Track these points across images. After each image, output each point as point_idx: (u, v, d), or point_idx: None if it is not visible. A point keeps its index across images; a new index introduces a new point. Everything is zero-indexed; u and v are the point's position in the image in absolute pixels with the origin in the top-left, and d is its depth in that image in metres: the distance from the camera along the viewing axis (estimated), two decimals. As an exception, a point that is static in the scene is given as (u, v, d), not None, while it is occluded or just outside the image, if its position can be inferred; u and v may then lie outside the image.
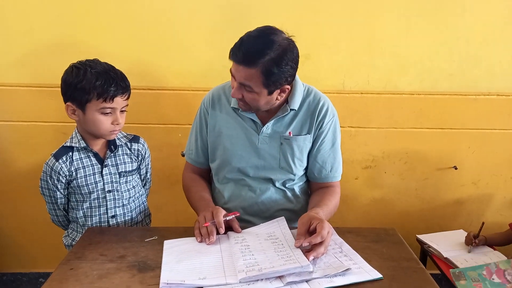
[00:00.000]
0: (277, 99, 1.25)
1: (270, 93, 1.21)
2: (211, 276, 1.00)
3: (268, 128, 1.34)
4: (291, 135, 1.34)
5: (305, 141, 1.35)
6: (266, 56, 1.12)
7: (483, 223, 1.71)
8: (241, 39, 1.16)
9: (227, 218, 1.21)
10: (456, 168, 2.01)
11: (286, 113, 1.32)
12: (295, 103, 1.32)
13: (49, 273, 1.04)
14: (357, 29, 1.80)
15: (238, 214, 1.25)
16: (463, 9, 1.78)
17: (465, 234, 1.78)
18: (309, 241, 1.05)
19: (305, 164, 1.39)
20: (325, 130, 1.35)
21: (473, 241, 1.70)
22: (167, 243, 1.16)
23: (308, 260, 1.01)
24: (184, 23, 1.76)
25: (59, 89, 1.23)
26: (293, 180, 1.39)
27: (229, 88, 1.39)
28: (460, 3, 1.77)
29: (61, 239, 1.46)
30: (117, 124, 1.26)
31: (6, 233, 2.07)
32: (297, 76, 1.34)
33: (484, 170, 2.02)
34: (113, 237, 1.21)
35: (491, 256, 1.67)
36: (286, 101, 1.32)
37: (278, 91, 1.22)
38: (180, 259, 1.08)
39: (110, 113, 1.24)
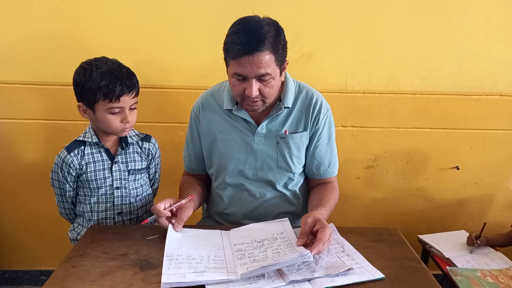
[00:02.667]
0: (281, 79, 1.26)
1: (280, 72, 1.21)
2: (212, 271, 1.00)
3: (263, 128, 1.32)
4: (287, 134, 1.33)
5: (302, 138, 1.34)
6: (267, 35, 1.12)
7: (484, 224, 1.71)
8: (235, 35, 1.13)
9: (175, 206, 1.21)
10: (458, 168, 2.00)
11: (280, 111, 1.31)
12: (288, 101, 1.31)
13: (51, 270, 1.04)
14: (360, 28, 1.80)
15: (191, 197, 1.27)
16: (466, 8, 1.78)
17: (467, 234, 1.78)
18: (317, 252, 1.03)
19: (303, 162, 1.38)
20: (321, 126, 1.35)
21: (475, 242, 1.70)
22: (171, 230, 1.16)
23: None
24: (186, 21, 1.76)
25: (61, 87, 1.24)
26: (293, 179, 1.38)
27: (218, 91, 1.39)
28: (463, 2, 1.77)
29: (63, 236, 1.46)
30: (127, 122, 1.27)
31: (8, 230, 2.07)
32: (287, 73, 1.33)
33: (486, 170, 2.02)
34: (115, 235, 1.21)
35: (492, 257, 1.67)
36: (279, 99, 1.31)
37: (282, 69, 1.23)
38: (182, 249, 1.08)
39: (118, 112, 1.25)
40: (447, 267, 1.57)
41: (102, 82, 1.20)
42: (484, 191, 2.06)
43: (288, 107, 1.32)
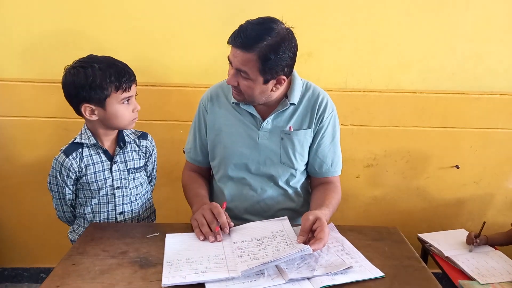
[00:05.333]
0: (272, 90, 1.25)
1: (266, 81, 1.20)
2: (213, 271, 1.00)
3: (268, 123, 1.34)
4: (292, 130, 1.34)
5: (306, 136, 1.35)
6: (263, 42, 1.13)
7: (484, 223, 1.71)
8: (241, 25, 1.17)
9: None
10: (458, 167, 2.00)
11: (286, 107, 1.32)
12: (295, 98, 1.32)
13: (50, 268, 1.04)
14: (360, 27, 1.79)
15: (225, 203, 1.28)
16: (466, 7, 1.78)
17: (467, 233, 1.78)
18: (314, 249, 1.04)
19: (306, 159, 1.39)
20: (325, 124, 1.36)
21: (474, 241, 1.70)
22: (169, 237, 1.16)
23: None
24: (186, 19, 1.76)
25: (61, 84, 1.23)
26: (295, 176, 1.39)
27: (227, 85, 1.40)
28: (463, 1, 1.77)
29: (62, 234, 1.46)
30: (137, 111, 1.29)
31: (8, 228, 2.07)
32: (295, 71, 1.34)
33: (486, 169, 2.02)
34: (115, 233, 1.21)
35: (492, 256, 1.67)
36: (286, 96, 1.33)
37: (274, 81, 1.22)
38: (181, 253, 1.08)
39: (129, 101, 1.26)
40: (459, 280, 1.55)
41: (111, 75, 1.20)
42: (484, 190, 2.06)
43: (294, 104, 1.33)
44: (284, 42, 1.16)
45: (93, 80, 1.19)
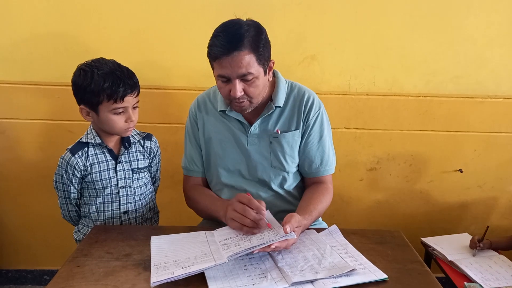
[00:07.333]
0: (268, 80, 1.27)
1: (264, 72, 1.22)
2: (200, 263, 1.00)
3: (255, 128, 1.34)
4: (279, 133, 1.33)
5: (294, 137, 1.34)
6: (246, 35, 1.15)
7: (487, 227, 1.70)
8: (215, 37, 1.17)
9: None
10: (461, 171, 2.00)
11: (272, 110, 1.32)
12: (280, 100, 1.32)
13: (54, 270, 1.05)
14: (363, 30, 1.80)
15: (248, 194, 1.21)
16: (469, 10, 1.78)
17: (470, 237, 1.78)
18: (277, 245, 1.04)
19: (297, 161, 1.38)
20: (311, 123, 1.35)
21: (478, 245, 1.69)
22: (154, 239, 1.16)
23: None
24: (188, 22, 1.77)
25: (65, 87, 1.26)
26: (288, 178, 1.38)
27: (214, 93, 1.41)
28: (466, 5, 1.77)
29: (66, 236, 1.47)
30: (131, 122, 1.29)
31: (11, 230, 2.08)
32: (279, 73, 1.35)
33: (490, 173, 2.01)
34: (119, 235, 1.21)
35: (495, 260, 1.66)
36: (271, 99, 1.32)
37: (267, 69, 1.24)
38: (168, 255, 1.08)
39: (122, 112, 1.26)
40: (464, 283, 1.54)
41: (105, 83, 1.21)
42: (487, 194, 2.05)
43: (280, 106, 1.33)
44: (259, 28, 1.20)
45: (89, 84, 1.21)
